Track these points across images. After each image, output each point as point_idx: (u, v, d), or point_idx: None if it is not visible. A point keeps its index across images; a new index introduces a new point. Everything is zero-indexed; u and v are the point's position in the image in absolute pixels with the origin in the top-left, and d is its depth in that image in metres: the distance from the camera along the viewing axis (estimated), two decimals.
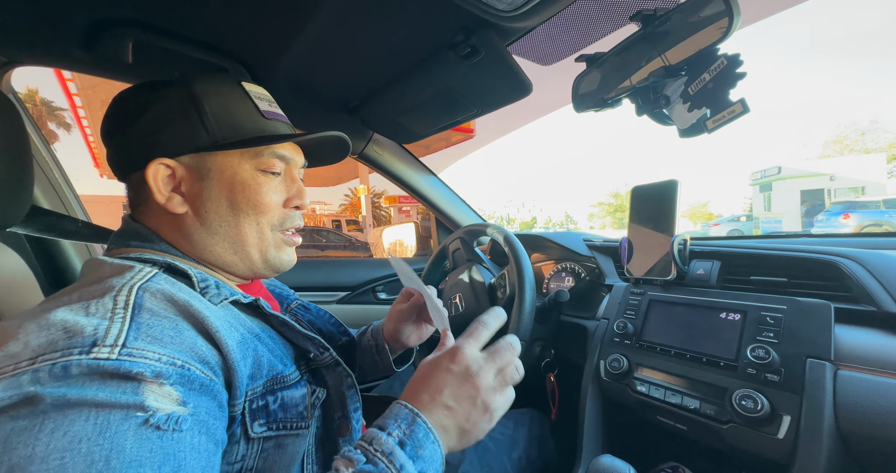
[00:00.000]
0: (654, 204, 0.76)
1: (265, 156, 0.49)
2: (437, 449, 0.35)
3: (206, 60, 0.71)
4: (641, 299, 0.74)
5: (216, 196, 0.47)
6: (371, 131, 1.01)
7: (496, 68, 0.70)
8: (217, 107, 0.47)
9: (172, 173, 0.46)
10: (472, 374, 0.39)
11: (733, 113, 0.48)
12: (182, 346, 0.34)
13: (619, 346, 0.71)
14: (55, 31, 0.60)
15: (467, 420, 0.38)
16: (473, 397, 0.39)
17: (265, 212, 0.49)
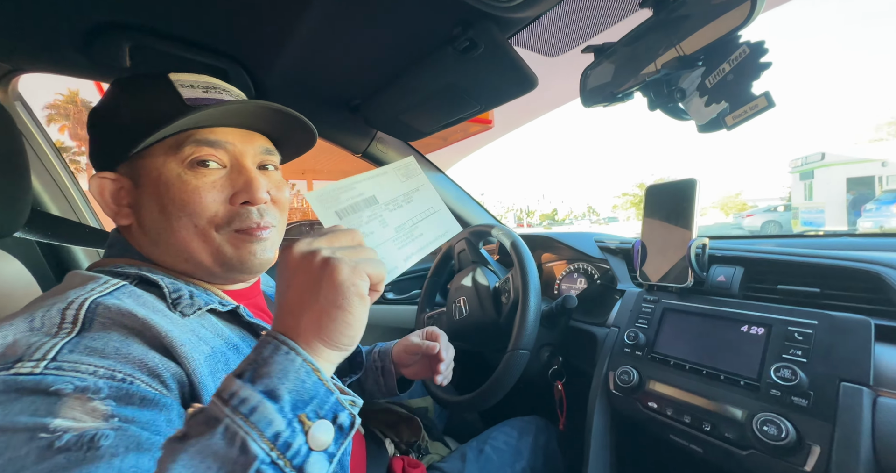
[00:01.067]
0: (670, 204, 0.71)
1: (188, 146, 0.43)
2: (290, 358, 0.28)
3: (203, 61, 0.70)
4: (655, 307, 0.69)
5: (147, 202, 0.43)
6: (374, 130, 0.99)
7: (498, 62, 0.66)
8: (133, 108, 0.44)
9: (119, 186, 0.44)
10: (302, 251, 0.31)
11: (756, 108, 0.43)
12: (127, 359, 0.33)
13: (630, 357, 0.67)
14: (54, 36, 0.60)
15: (302, 295, 0.30)
16: (309, 271, 0.30)
17: (200, 213, 0.43)
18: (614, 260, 0.87)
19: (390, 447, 0.72)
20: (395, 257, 0.43)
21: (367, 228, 0.42)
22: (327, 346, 0.30)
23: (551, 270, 1.11)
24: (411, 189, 0.49)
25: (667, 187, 0.72)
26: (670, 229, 0.70)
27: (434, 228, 0.49)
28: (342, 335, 0.30)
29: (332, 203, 0.40)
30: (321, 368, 0.28)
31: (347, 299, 0.29)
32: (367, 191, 0.44)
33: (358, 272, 0.30)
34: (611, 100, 0.60)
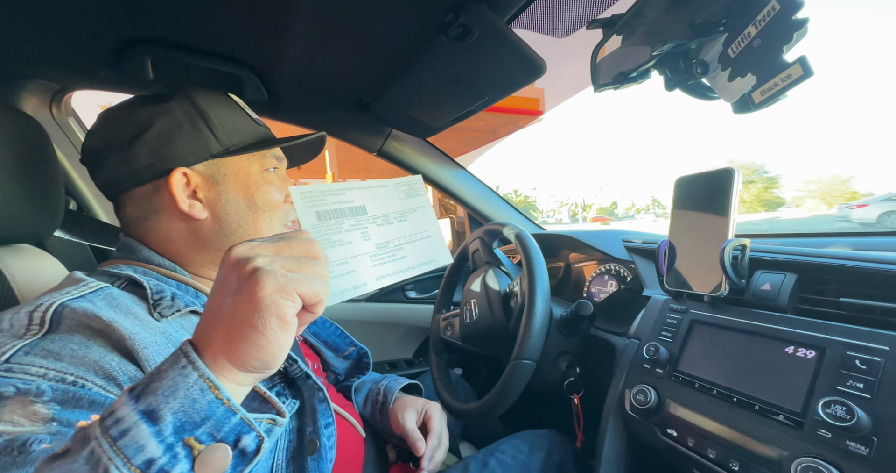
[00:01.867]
0: (702, 199, 0.60)
1: (268, 158, 0.55)
2: (186, 373, 0.25)
3: (219, 69, 0.73)
4: (682, 318, 0.60)
5: (234, 198, 0.51)
6: (389, 128, 0.98)
7: (497, 48, 0.61)
8: (222, 117, 0.52)
9: (188, 182, 0.49)
10: (240, 253, 0.28)
11: (789, 79, 0.34)
12: (83, 361, 0.33)
13: (649, 374, 0.58)
14: (90, 55, 0.66)
15: (221, 306, 0.27)
16: (237, 278, 0.27)
17: (276, 208, 0.54)
18: (642, 262, 0.78)
19: (392, 453, 0.71)
20: (367, 273, 0.41)
21: (345, 236, 0.41)
22: (235, 366, 0.26)
23: (581, 271, 1.03)
24: (408, 208, 0.47)
25: (699, 179, 0.61)
26: (703, 227, 0.60)
27: (421, 253, 0.47)
28: (252, 358, 0.26)
29: (316, 203, 0.40)
30: (221, 385, 0.25)
31: (263, 319, 0.25)
32: (357, 200, 0.43)
33: (286, 291, 0.26)
34: (621, 81, 0.53)
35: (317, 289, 0.27)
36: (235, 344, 0.26)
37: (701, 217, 0.60)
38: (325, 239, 0.39)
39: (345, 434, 0.61)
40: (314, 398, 0.50)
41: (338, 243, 0.40)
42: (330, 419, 0.51)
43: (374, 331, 1.17)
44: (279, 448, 0.46)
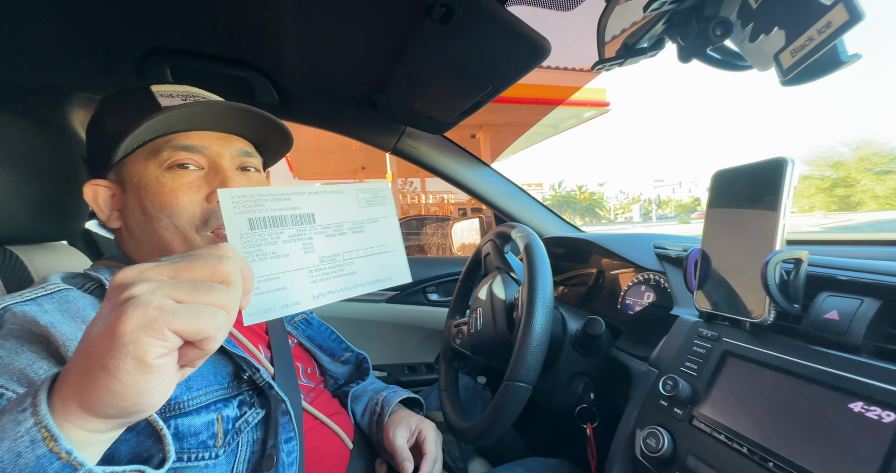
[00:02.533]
0: (745, 198, 0.48)
1: (165, 151, 0.45)
2: (21, 418, 0.22)
3: (233, 74, 0.76)
4: (712, 346, 0.48)
5: (132, 205, 0.47)
6: (402, 125, 0.95)
7: (487, 29, 0.54)
8: (116, 119, 0.48)
9: (110, 193, 0.49)
10: (125, 276, 0.24)
11: (829, 29, 0.23)
12: (7, 369, 0.32)
13: (664, 414, 0.48)
14: (119, 66, 0.72)
15: (88, 351, 0.23)
16: (108, 306, 0.23)
17: (178, 212, 0.44)
18: (675, 273, 0.65)
19: (381, 468, 0.68)
20: (304, 290, 0.36)
21: (281, 247, 0.36)
22: (85, 411, 0.23)
23: (616, 279, 0.90)
24: (368, 218, 0.42)
25: (742, 173, 0.48)
26: (745, 234, 0.47)
27: (375, 269, 0.41)
28: (103, 404, 0.22)
29: (250, 208, 0.35)
30: (61, 436, 0.22)
31: (116, 360, 0.21)
32: (305, 206, 0.38)
33: (153, 327, 0.22)
34: (625, 56, 0.43)
35: (202, 325, 0.23)
36: (85, 387, 0.22)
37: (743, 220, 0.48)
38: (254, 251, 0.34)
39: (328, 444, 0.59)
40: (277, 409, 0.47)
41: (270, 255, 0.35)
42: (292, 433, 0.48)
43: (394, 333, 1.16)
44: (241, 459, 0.44)
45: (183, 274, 0.25)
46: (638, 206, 45.81)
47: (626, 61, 0.44)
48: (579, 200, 33.44)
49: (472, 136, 10.47)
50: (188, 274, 0.25)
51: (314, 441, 0.56)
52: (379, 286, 0.41)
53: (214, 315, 0.24)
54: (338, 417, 0.64)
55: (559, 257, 1.07)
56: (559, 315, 0.75)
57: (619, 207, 48.03)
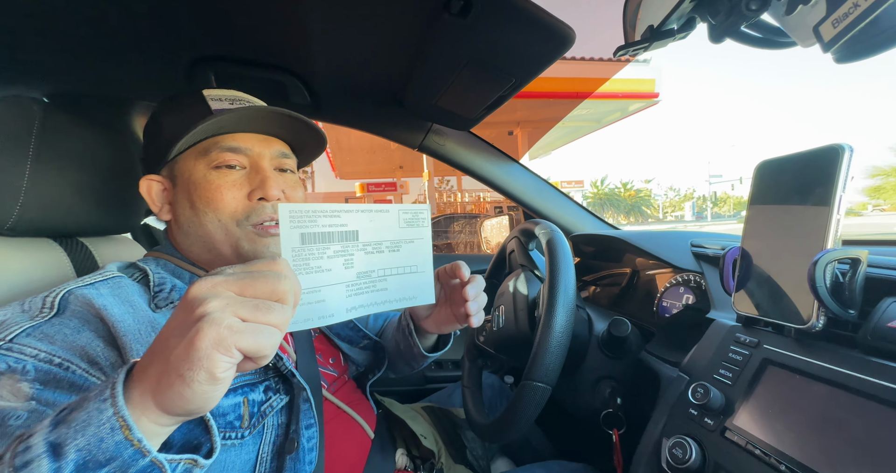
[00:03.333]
0: (794, 191, 0.43)
1: (213, 152, 0.50)
2: (102, 408, 0.25)
3: (269, 78, 0.81)
4: (750, 354, 0.44)
5: (181, 200, 0.51)
6: (429, 122, 0.96)
7: (506, 19, 0.53)
8: (171, 120, 0.52)
9: (162, 187, 0.53)
10: (200, 289, 0.27)
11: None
12: (72, 346, 0.37)
13: (694, 424, 0.44)
14: (171, 74, 0.78)
15: (164, 345, 0.26)
16: (185, 317, 0.26)
17: (222, 208, 0.49)
18: (713, 274, 0.60)
19: (401, 458, 0.68)
20: (340, 303, 0.39)
21: (326, 262, 0.38)
22: (158, 407, 0.26)
23: (652, 280, 0.85)
24: (405, 238, 0.44)
25: (790, 163, 0.44)
26: (791, 230, 0.43)
27: (405, 287, 0.44)
28: (174, 405, 0.26)
29: (304, 224, 0.37)
30: (134, 426, 0.25)
31: (193, 372, 0.24)
32: (351, 224, 0.40)
33: (224, 346, 0.25)
34: (652, 38, 0.40)
35: (262, 343, 0.26)
36: (162, 389, 0.25)
37: (790, 216, 0.43)
38: (302, 265, 0.36)
39: (350, 433, 0.60)
40: (299, 397, 0.50)
41: (315, 269, 0.37)
42: (312, 420, 0.50)
43: None
44: (266, 441, 0.47)
45: (247, 291, 0.27)
46: (690, 203, 42.52)
47: (653, 45, 0.41)
48: (623, 197, 31.72)
49: (510, 133, 10.30)
50: (251, 291, 0.27)
51: (336, 430, 0.58)
52: (406, 305, 0.43)
53: (272, 335, 0.27)
54: (360, 406, 0.66)
55: (590, 256, 1.03)
56: (585, 316, 0.72)
57: (668, 204, 44.97)
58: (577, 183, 27.21)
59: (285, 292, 0.28)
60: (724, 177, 40.41)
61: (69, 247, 0.58)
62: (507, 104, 0.81)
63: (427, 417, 0.80)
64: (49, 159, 0.53)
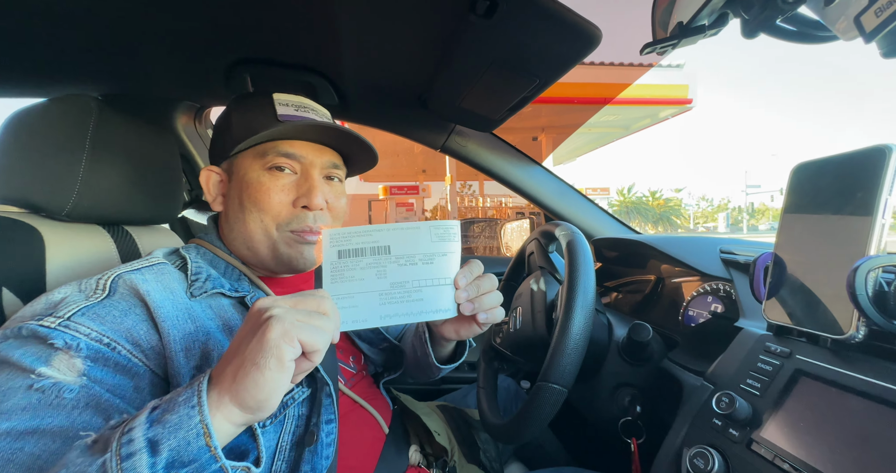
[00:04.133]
0: (832, 194, 0.41)
1: (270, 155, 0.52)
2: (191, 414, 0.28)
3: (301, 80, 0.84)
4: (782, 364, 0.41)
5: (233, 195, 0.54)
6: (452, 123, 0.97)
7: (532, 19, 0.53)
8: (240, 119, 0.55)
9: (220, 178, 0.56)
10: (261, 305, 0.32)
11: None
12: (119, 327, 0.39)
13: (718, 434, 0.42)
14: (211, 76, 0.83)
15: (238, 348, 0.31)
16: (253, 324, 0.32)
17: (267, 210, 0.52)
18: (743, 281, 0.57)
19: (415, 455, 0.69)
20: (374, 311, 0.43)
21: (358, 272, 0.42)
22: (234, 403, 0.30)
23: (678, 288, 0.82)
24: (437, 252, 0.45)
25: (829, 165, 0.42)
26: (830, 236, 0.40)
27: (436, 299, 0.45)
28: (249, 396, 0.29)
29: (341, 243, 0.42)
30: (214, 433, 0.28)
31: (265, 358, 0.29)
32: (383, 240, 0.44)
33: (288, 336, 0.30)
34: (681, 35, 0.40)
35: (316, 338, 0.32)
36: (239, 381, 0.29)
37: (828, 220, 0.41)
38: (338, 275, 0.42)
39: (365, 427, 0.61)
40: (321, 391, 0.51)
41: (349, 278, 0.42)
42: (332, 416, 0.51)
43: None
44: (286, 430, 0.48)
45: (299, 305, 0.33)
46: (724, 214, 40.50)
47: (682, 42, 0.40)
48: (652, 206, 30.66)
49: (534, 138, 10.21)
50: (302, 305, 0.34)
51: (352, 424, 0.59)
52: (434, 317, 0.45)
53: (322, 333, 0.32)
54: (376, 402, 0.67)
55: (612, 261, 1.00)
56: (604, 320, 0.70)
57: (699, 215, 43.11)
58: (603, 190, 26.52)
59: (327, 308, 0.35)
60: (762, 187, 38.32)
61: (115, 234, 0.62)
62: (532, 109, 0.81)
63: (441, 415, 0.80)
64: (102, 153, 0.57)
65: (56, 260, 0.52)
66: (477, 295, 0.46)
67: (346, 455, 0.55)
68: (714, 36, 0.39)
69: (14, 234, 0.51)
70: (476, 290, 0.46)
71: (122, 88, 0.83)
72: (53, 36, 0.63)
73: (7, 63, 0.70)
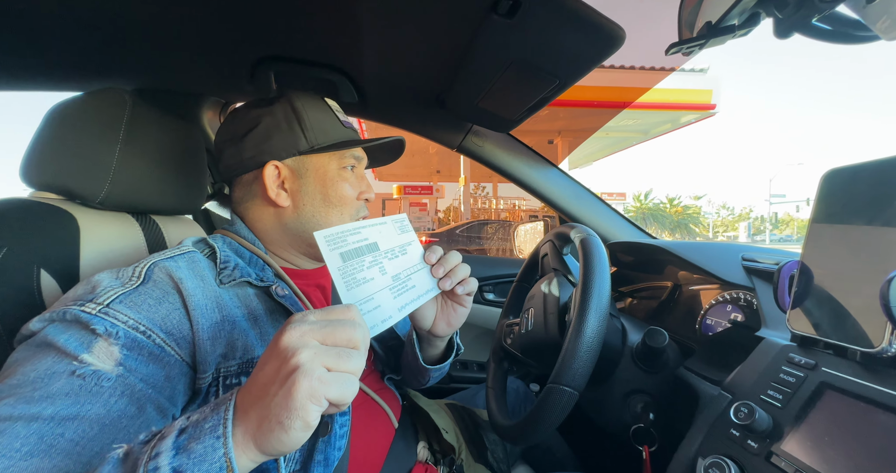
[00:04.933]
0: (867, 203, 0.39)
1: (346, 157, 0.59)
2: (216, 446, 0.28)
3: (322, 77, 0.85)
4: (806, 376, 0.40)
5: (312, 191, 0.57)
6: (469, 123, 0.97)
7: (554, 19, 0.53)
8: (313, 118, 0.58)
9: (278, 173, 0.57)
10: (292, 338, 0.30)
11: None
12: (154, 315, 0.40)
13: (735, 445, 0.41)
14: (237, 73, 0.85)
15: (263, 390, 0.30)
16: (281, 365, 0.30)
17: (347, 203, 0.58)
18: (766, 290, 0.55)
19: (423, 451, 0.69)
20: (391, 306, 0.44)
21: (367, 273, 0.43)
22: (257, 446, 0.29)
23: (695, 295, 0.81)
24: (405, 242, 0.51)
25: (863, 173, 0.40)
26: (861, 245, 0.39)
27: (423, 282, 0.50)
28: (270, 447, 0.29)
29: (338, 245, 0.42)
30: (237, 468, 0.28)
31: (291, 420, 0.28)
32: (371, 237, 0.46)
33: (316, 397, 0.28)
34: (709, 35, 0.39)
35: (345, 393, 0.30)
36: (263, 432, 0.29)
37: (860, 231, 0.39)
38: (351, 280, 0.41)
39: (376, 420, 0.62)
40: None
41: (362, 281, 0.42)
42: (346, 409, 0.51)
43: None
44: None
45: (328, 340, 0.31)
46: (746, 224, 39.26)
47: (709, 42, 0.39)
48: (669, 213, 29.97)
49: (550, 141, 10.12)
50: (332, 340, 0.31)
51: (363, 415, 0.59)
52: (428, 297, 0.50)
53: (353, 384, 0.31)
54: (386, 394, 0.67)
55: (628, 266, 0.99)
56: (618, 325, 0.69)
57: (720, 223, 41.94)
58: (619, 196, 26.04)
59: (359, 339, 0.32)
60: (787, 197, 36.99)
61: (144, 223, 0.64)
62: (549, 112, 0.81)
63: (450, 413, 0.80)
64: (134, 145, 0.59)
65: (89, 245, 0.54)
66: (450, 268, 0.52)
67: (358, 446, 0.55)
68: (743, 36, 0.38)
69: (53, 219, 0.53)
70: (449, 264, 0.52)
71: (152, 83, 0.86)
72: (89, 34, 0.66)
73: (46, 59, 0.74)
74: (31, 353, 0.36)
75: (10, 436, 0.31)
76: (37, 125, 0.58)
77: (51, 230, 0.52)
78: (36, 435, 0.31)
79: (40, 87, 0.83)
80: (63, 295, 0.41)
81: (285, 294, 0.53)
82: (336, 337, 0.31)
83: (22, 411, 0.32)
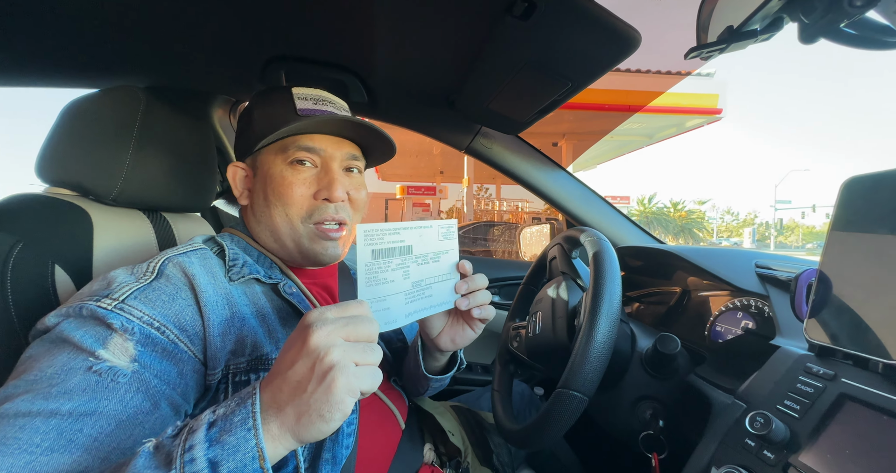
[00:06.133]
0: (891, 213, 0.39)
1: (291, 149, 0.52)
2: (248, 437, 0.29)
3: (332, 77, 0.85)
4: (825, 387, 0.39)
5: (258, 190, 0.55)
6: (478, 125, 0.96)
7: (569, 22, 0.53)
8: (261, 114, 0.56)
9: (245, 174, 0.58)
10: (318, 338, 0.32)
11: None
12: (168, 311, 0.40)
13: (750, 455, 0.41)
14: (248, 72, 0.85)
15: (298, 387, 0.31)
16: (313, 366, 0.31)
17: (290, 203, 0.52)
18: (780, 298, 0.55)
19: (429, 453, 0.68)
20: (401, 310, 0.44)
21: (390, 275, 0.43)
22: (294, 436, 0.31)
23: (705, 302, 0.80)
24: (442, 250, 0.49)
25: (886, 180, 0.39)
26: (883, 256, 0.38)
27: (442, 293, 0.49)
28: (309, 436, 0.31)
29: (374, 242, 0.42)
30: (268, 457, 0.30)
31: (332, 413, 0.30)
32: (408, 239, 0.45)
33: (353, 390, 0.31)
34: (730, 40, 0.38)
35: (374, 383, 0.33)
36: (304, 425, 0.31)
37: (882, 240, 0.39)
38: (372, 277, 0.41)
39: (383, 420, 0.62)
40: None
41: (383, 281, 0.42)
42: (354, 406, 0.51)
43: None
44: None
45: (351, 336, 0.33)
46: (751, 229, 38.99)
47: (730, 47, 0.39)
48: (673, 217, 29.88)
49: (554, 144, 10.10)
50: (355, 336, 0.33)
51: (370, 415, 0.59)
52: (441, 309, 0.49)
53: (379, 374, 0.33)
54: (392, 394, 0.67)
55: (636, 271, 0.98)
56: (628, 330, 0.69)
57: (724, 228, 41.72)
58: (623, 199, 25.96)
59: (375, 334, 0.35)
60: (793, 203, 36.77)
61: (154, 220, 0.64)
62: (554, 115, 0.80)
63: (455, 415, 0.80)
64: (147, 142, 0.59)
65: (102, 241, 0.55)
66: (474, 290, 0.51)
67: (365, 446, 0.55)
68: (766, 41, 0.38)
69: (68, 215, 0.53)
70: (474, 284, 0.51)
71: (164, 81, 0.86)
72: (104, 32, 0.66)
73: (61, 56, 0.74)
74: (46, 348, 0.36)
75: (30, 431, 0.31)
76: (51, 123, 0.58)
77: (65, 226, 0.52)
78: (55, 431, 0.32)
79: (55, 83, 0.83)
80: (77, 291, 0.42)
81: (293, 292, 0.53)
82: (358, 333, 0.33)
83: (40, 407, 0.32)
